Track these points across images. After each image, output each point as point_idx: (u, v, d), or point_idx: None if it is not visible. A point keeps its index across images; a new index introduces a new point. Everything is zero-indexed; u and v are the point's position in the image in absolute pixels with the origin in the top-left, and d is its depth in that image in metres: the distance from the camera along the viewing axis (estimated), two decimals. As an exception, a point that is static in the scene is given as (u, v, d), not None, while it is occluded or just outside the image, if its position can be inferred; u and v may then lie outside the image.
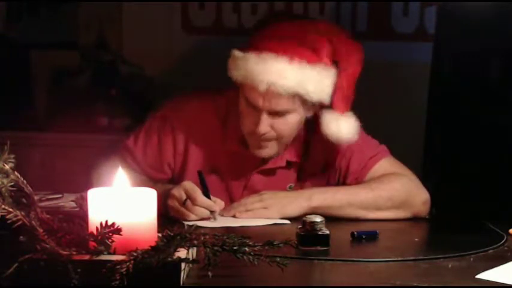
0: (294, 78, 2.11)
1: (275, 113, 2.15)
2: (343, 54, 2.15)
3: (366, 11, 3.42)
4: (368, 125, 2.30)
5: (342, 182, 2.30)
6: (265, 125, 2.16)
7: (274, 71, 2.10)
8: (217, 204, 2.13)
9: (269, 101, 2.13)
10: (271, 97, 2.12)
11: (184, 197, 2.11)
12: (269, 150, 2.23)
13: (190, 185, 2.12)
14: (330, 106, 2.18)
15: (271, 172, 2.30)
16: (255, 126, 2.17)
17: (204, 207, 2.11)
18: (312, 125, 2.26)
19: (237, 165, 2.29)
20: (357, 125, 2.21)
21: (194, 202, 2.10)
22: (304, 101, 2.16)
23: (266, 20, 2.32)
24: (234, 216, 2.16)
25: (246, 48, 2.18)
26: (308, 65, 2.12)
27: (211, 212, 2.11)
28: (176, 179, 2.31)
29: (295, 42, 2.13)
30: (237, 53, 2.18)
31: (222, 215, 2.16)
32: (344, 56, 2.15)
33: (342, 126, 2.18)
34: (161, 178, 2.31)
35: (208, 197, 2.13)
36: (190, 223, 1.95)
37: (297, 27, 2.18)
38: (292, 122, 2.19)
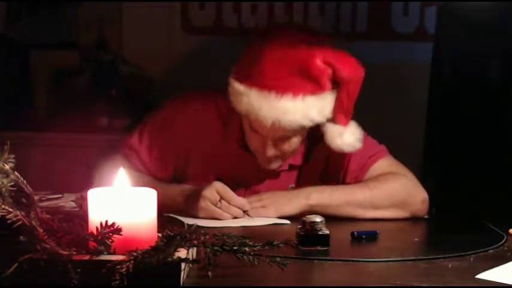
0: (298, 114, 2.12)
1: (280, 138, 2.18)
2: (345, 76, 2.15)
3: (366, 11, 3.43)
4: (368, 125, 2.30)
5: (341, 181, 2.31)
6: (272, 148, 2.19)
7: (279, 109, 2.11)
8: (245, 202, 2.16)
9: (274, 133, 2.16)
10: (276, 129, 2.14)
11: (218, 197, 2.12)
12: (275, 164, 2.27)
13: (221, 186, 2.14)
14: (332, 119, 2.19)
15: (274, 175, 2.31)
16: (260, 147, 2.20)
17: (237, 207, 2.13)
18: (314, 130, 2.26)
19: (238, 166, 2.30)
20: (360, 133, 2.22)
21: (230, 202, 2.13)
22: (308, 126, 2.19)
23: (265, 33, 2.28)
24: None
25: (245, 79, 2.15)
26: (311, 97, 2.13)
27: (244, 211, 2.14)
28: (179, 179, 2.32)
29: (297, 76, 2.12)
30: (238, 86, 2.17)
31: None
32: (345, 78, 2.15)
33: (346, 139, 2.20)
34: (165, 178, 2.31)
35: None
36: (191, 222, 1.95)
37: (296, 55, 2.13)
38: (296, 142, 2.22)
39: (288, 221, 2.14)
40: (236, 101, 2.18)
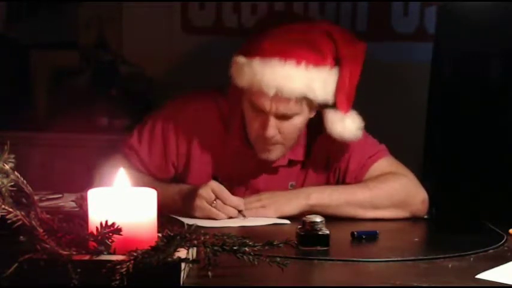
0: (301, 82, 2.10)
1: (282, 116, 2.15)
2: (347, 54, 2.15)
3: (366, 11, 3.43)
4: (368, 125, 2.30)
5: (341, 181, 2.31)
6: (273, 128, 2.16)
7: (281, 75, 2.09)
8: (241, 201, 2.16)
9: (277, 105, 2.13)
10: (279, 101, 2.12)
11: (213, 197, 2.12)
12: (276, 153, 2.23)
13: (217, 185, 2.14)
14: (333, 105, 2.18)
15: (273, 171, 2.30)
16: (262, 129, 2.17)
17: (232, 206, 2.13)
18: (314, 125, 2.26)
19: (239, 164, 2.30)
20: (361, 122, 2.21)
21: (225, 202, 2.12)
22: (310, 103, 2.16)
23: (266, 21, 2.32)
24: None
25: (248, 52, 2.16)
26: (314, 68, 2.12)
27: (239, 210, 2.14)
28: (179, 179, 2.32)
29: (301, 45, 2.12)
30: (240, 58, 2.17)
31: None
32: (347, 57, 2.15)
33: (348, 126, 2.18)
34: (165, 178, 2.31)
35: None
36: (191, 222, 1.95)
37: (301, 29, 2.17)
38: (298, 123, 2.19)
39: (287, 221, 2.14)
40: (238, 74, 2.16)
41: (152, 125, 2.34)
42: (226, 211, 2.13)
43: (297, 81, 2.10)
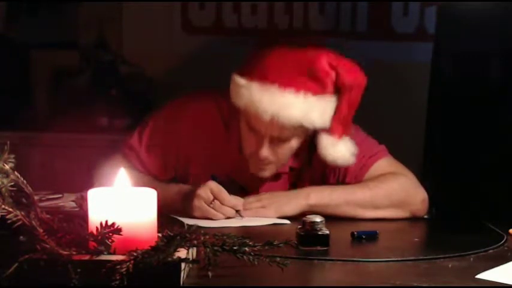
0: (299, 110, 2.10)
1: (277, 139, 2.16)
2: (347, 82, 2.15)
3: (366, 11, 3.43)
4: (368, 125, 2.30)
5: (341, 181, 2.31)
6: (267, 150, 2.16)
7: (279, 103, 2.09)
8: (239, 201, 2.15)
9: (272, 130, 2.13)
10: (275, 126, 2.12)
11: (211, 197, 2.12)
12: (268, 172, 2.24)
13: (216, 185, 2.13)
14: (328, 128, 2.18)
15: (275, 177, 2.30)
16: (255, 148, 2.17)
17: (230, 207, 2.13)
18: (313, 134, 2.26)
19: (239, 167, 2.30)
20: (353, 147, 2.20)
21: (223, 202, 2.12)
22: (306, 130, 2.17)
23: (266, 41, 2.30)
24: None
25: (248, 73, 2.15)
26: (313, 96, 2.12)
27: (237, 210, 2.14)
28: (179, 180, 2.32)
29: (301, 73, 2.11)
30: (239, 79, 2.16)
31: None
32: (347, 85, 2.15)
33: (340, 151, 2.19)
34: (164, 179, 2.31)
35: None
36: (191, 222, 1.95)
37: (302, 55, 2.14)
38: (293, 146, 2.20)
39: (287, 221, 2.13)
40: (236, 95, 2.16)
41: (152, 126, 2.34)
42: (224, 211, 2.12)
43: (294, 110, 2.10)
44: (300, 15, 3.41)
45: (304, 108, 2.11)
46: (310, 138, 2.25)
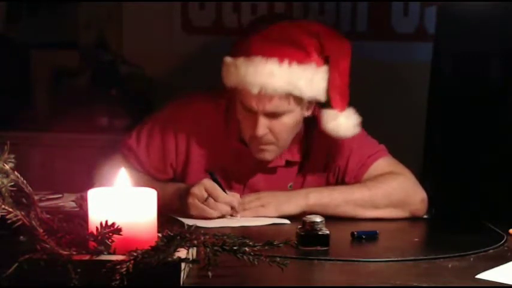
0: (284, 79, 2.12)
1: (271, 115, 2.16)
2: (333, 50, 2.16)
3: (366, 11, 3.43)
4: (368, 125, 2.30)
5: (340, 180, 2.31)
6: (263, 126, 2.16)
7: (264, 73, 2.11)
8: (235, 198, 2.15)
9: (263, 103, 2.14)
10: (264, 99, 2.13)
11: (205, 195, 2.12)
12: (270, 153, 2.24)
13: (210, 183, 2.14)
14: (329, 104, 2.19)
15: (271, 171, 2.31)
16: (253, 129, 2.18)
17: (225, 204, 2.13)
18: (311, 124, 2.26)
19: (237, 165, 2.30)
20: (357, 120, 2.21)
21: (217, 199, 2.12)
22: (298, 101, 2.17)
23: (256, 22, 2.33)
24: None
25: (235, 52, 2.19)
26: (298, 65, 2.13)
27: (232, 208, 2.13)
28: (178, 180, 2.32)
29: (284, 43, 2.14)
30: (227, 59, 2.20)
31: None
32: (334, 53, 2.16)
33: (342, 123, 2.19)
34: (163, 179, 2.31)
35: None
36: (191, 222, 1.95)
37: (285, 29, 2.18)
38: (288, 122, 2.19)
39: (288, 221, 2.13)
40: (226, 75, 2.19)
41: (151, 126, 2.34)
42: (218, 209, 2.12)
43: (279, 79, 2.11)
44: (300, 15, 3.41)
45: (289, 77, 2.12)
46: (305, 130, 2.26)
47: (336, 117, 2.18)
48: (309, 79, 2.14)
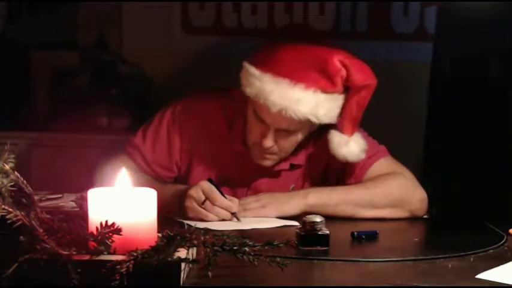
0: (308, 106, 2.13)
1: (282, 131, 2.18)
2: (357, 82, 2.17)
3: (366, 11, 3.43)
4: (368, 125, 2.30)
5: (341, 181, 2.31)
6: (271, 140, 2.18)
7: (289, 97, 2.11)
8: (234, 203, 2.14)
9: (279, 122, 2.16)
10: (281, 119, 2.14)
11: (202, 197, 2.11)
12: (270, 162, 2.26)
13: (207, 186, 2.13)
14: (337, 125, 2.21)
15: (275, 174, 2.31)
16: (260, 138, 2.19)
17: (223, 208, 2.11)
18: (315, 130, 2.27)
19: (241, 166, 2.30)
20: (364, 144, 2.24)
21: (214, 202, 2.11)
22: (312, 124, 2.19)
23: (284, 33, 2.31)
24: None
25: (261, 64, 2.17)
26: (322, 93, 2.14)
27: (232, 213, 2.12)
28: (182, 178, 2.32)
29: (313, 70, 2.13)
30: (251, 69, 2.18)
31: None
32: (357, 84, 2.17)
33: (352, 149, 2.22)
34: (168, 177, 2.32)
35: None
36: (191, 223, 1.95)
37: (315, 52, 2.16)
38: (296, 139, 2.22)
39: (296, 222, 2.09)
40: (247, 84, 2.18)
41: (157, 125, 2.34)
42: (215, 212, 2.10)
43: (303, 105, 2.12)
44: (300, 15, 3.41)
45: (313, 104, 2.13)
46: (309, 135, 2.26)
47: (347, 143, 2.21)
48: (329, 107, 2.16)
